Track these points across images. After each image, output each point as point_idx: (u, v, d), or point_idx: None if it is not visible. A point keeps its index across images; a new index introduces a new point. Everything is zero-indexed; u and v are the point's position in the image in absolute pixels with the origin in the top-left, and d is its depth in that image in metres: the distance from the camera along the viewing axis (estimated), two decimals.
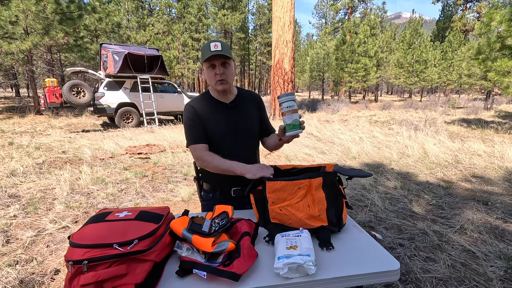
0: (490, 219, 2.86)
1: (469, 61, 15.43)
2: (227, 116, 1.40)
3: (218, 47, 1.27)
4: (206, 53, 1.28)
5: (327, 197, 1.10)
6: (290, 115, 1.20)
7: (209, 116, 1.38)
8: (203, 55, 1.30)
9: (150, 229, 0.88)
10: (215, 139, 1.38)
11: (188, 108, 1.39)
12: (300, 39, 52.80)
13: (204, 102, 1.41)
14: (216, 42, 1.28)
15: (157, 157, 5.39)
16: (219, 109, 1.40)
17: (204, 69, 1.36)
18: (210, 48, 1.27)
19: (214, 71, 1.31)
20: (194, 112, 1.37)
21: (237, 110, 1.42)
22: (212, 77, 1.32)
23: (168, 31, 26.78)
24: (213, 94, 1.42)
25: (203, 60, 1.30)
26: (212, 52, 1.26)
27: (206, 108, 1.39)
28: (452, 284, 1.94)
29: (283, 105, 1.21)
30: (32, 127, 8.99)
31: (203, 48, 1.30)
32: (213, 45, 1.27)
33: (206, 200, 1.50)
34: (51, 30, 10.93)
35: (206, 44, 1.29)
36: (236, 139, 1.40)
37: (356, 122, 10.15)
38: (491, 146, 6.03)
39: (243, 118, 1.42)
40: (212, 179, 1.45)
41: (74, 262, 0.75)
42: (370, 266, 0.93)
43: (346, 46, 21.70)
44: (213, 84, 1.34)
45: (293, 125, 1.21)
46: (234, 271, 0.84)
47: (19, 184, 3.77)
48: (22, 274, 2.02)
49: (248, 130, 1.43)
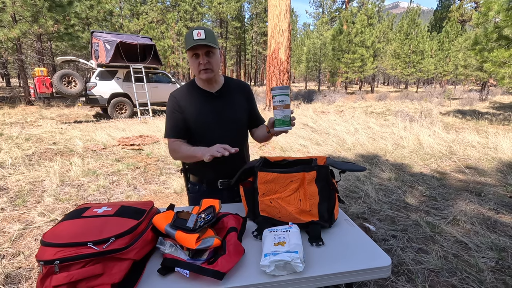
0: (483, 210, 2.87)
1: (466, 52, 15.39)
2: (212, 106, 1.35)
3: (202, 35, 1.21)
4: (189, 41, 1.22)
5: (320, 191, 1.06)
6: (282, 110, 1.15)
7: (193, 106, 1.33)
8: (186, 43, 1.24)
9: (130, 225, 0.84)
10: (199, 129, 1.34)
11: (170, 98, 1.36)
12: (297, 29, 52.11)
13: (188, 91, 1.36)
14: (199, 29, 1.22)
15: (150, 148, 5.32)
16: (204, 98, 1.35)
17: (188, 58, 1.31)
18: (193, 36, 1.21)
19: (198, 61, 1.26)
20: (176, 103, 1.33)
21: (222, 100, 1.37)
22: (196, 66, 1.27)
23: (162, 19, 26.20)
24: (198, 83, 1.37)
25: (186, 49, 1.25)
26: (195, 41, 1.20)
27: (190, 98, 1.34)
28: (444, 275, 1.94)
29: (276, 99, 1.15)
30: (22, 117, 8.80)
31: (187, 36, 1.24)
32: (196, 33, 1.21)
33: (192, 193, 1.46)
34: (40, 17, 10.60)
35: (189, 32, 1.23)
36: (221, 129, 1.35)
37: (352, 113, 10.12)
38: (485, 137, 6.04)
39: (229, 108, 1.37)
40: (198, 171, 1.41)
41: (45, 262, 0.70)
42: (360, 263, 0.90)
43: (343, 36, 21.47)
44: (197, 73, 1.30)
45: (283, 121, 1.15)
46: (218, 269, 0.80)
47: (7, 176, 3.69)
48: (8, 268, 1.97)
49: (234, 120, 1.38)
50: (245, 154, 1.47)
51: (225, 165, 1.35)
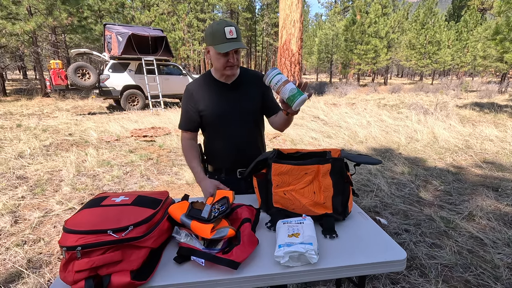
0: (500, 206, 2.80)
1: (485, 42, 14.78)
2: (227, 98, 1.34)
3: (234, 34, 1.17)
4: (219, 38, 1.17)
5: (334, 184, 1.05)
6: (283, 89, 1.08)
7: (208, 98, 1.33)
8: (215, 39, 1.18)
9: (147, 215, 0.85)
10: (215, 121, 1.34)
11: (185, 91, 1.36)
12: (309, 19, 51.16)
13: (204, 83, 1.35)
14: (231, 27, 1.17)
15: (162, 140, 5.39)
16: (219, 90, 1.34)
17: (211, 51, 1.25)
18: (226, 35, 1.16)
19: (227, 58, 1.22)
20: (190, 96, 1.34)
21: (238, 91, 1.36)
22: (223, 62, 1.23)
23: (173, 11, 26.15)
24: (215, 75, 1.36)
25: (215, 45, 1.19)
26: (229, 41, 1.17)
27: (205, 90, 1.34)
28: (458, 271, 1.91)
29: (272, 84, 1.10)
30: (39, 109, 9.05)
31: (215, 31, 1.17)
32: (228, 30, 1.16)
33: None
34: (54, 10, 10.76)
35: (219, 27, 1.17)
36: (236, 121, 1.35)
37: (364, 106, 9.94)
38: (504, 131, 5.84)
39: (244, 99, 1.36)
40: (217, 161, 1.43)
41: (68, 248, 0.73)
42: (375, 256, 0.89)
43: (356, 26, 20.94)
44: (221, 69, 1.26)
45: (292, 96, 1.07)
46: (233, 259, 0.82)
47: (26, 166, 3.83)
48: (30, 253, 2.06)
49: (249, 111, 1.37)
50: (261, 144, 1.48)
51: (243, 155, 1.36)
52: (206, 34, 1.22)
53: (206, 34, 1.23)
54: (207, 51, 1.28)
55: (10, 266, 1.93)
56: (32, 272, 1.87)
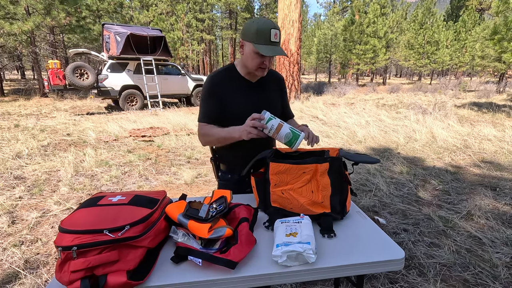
0: (498, 205, 2.80)
1: (483, 42, 14.83)
2: (251, 96, 1.30)
3: (277, 38, 1.15)
4: (263, 39, 1.13)
5: (332, 183, 1.05)
6: (278, 135, 1.03)
7: (232, 93, 1.27)
8: (258, 38, 1.14)
9: (143, 214, 0.85)
10: (236, 119, 1.27)
11: (209, 81, 1.28)
12: (307, 19, 51.18)
13: (229, 77, 1.29)
14: (277, 30, 1.14)
15: (161, 140, 5.38)
16: (243, 88, 1.30)
17: (248, 48, 1.19)
18: (271, 37, 1.13)
19: (262, 60, 1.19)
20: (214, 87, 1.26)
21: (260, 91, 1.33)
22: (257, 63, 1.20)
23: (172, 11, 26.12)
24: (241, 71, 1.30)
25: (257, 45, 1.14)
26: (272, 44, 1.14)
27: (230, 85, 1.28)
28: (456, 270, 1.91)
29: (265, 130, 1.05)
30: (37, 109, 9.02)
31: (261, 30, 1.13)
32: (273, 33, 1.13)
33: (224, 180, 1.45)
34: (52, 10, 10.73)
35: (265, 26, 1.13)
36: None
37: (363, 106, 9.95)
38: (502, 131, 5.86)
39: (266, 99, 1.34)
40: (232, 160, 1.39)
41: (63, 248, 0.72)
42: (373, 255, 0.89)
43: (354, 26, 20.97)
44: (252, 68, 1.23)
45: (289, 141, 1.03)
46: (231, 258, 0.81)
47: (24, 166, 3.81)
48: (27, 254, 2.05)
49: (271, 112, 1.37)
50: (274, 144, 1.47)
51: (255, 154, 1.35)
52: (248, 29, 1.16)
53: (248, 29, 1.16)
54: (241, 44, 1.22)
55: (7, 267, 1.92)
56: (29, 273, 1.86)
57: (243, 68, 1.29)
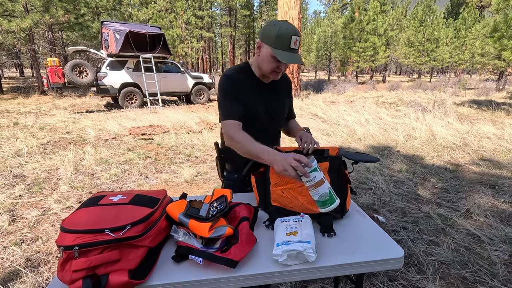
0: (497, 203, 2.81)
1: (483, 39, 14.80)
2: (264, 97, 1.30)
3: (297, 45, 1.13)
4: (283, 45, 1.11)
5: (332, 182, 1.05)
6: (315, 190, 0.90)
7: (247, 94, 1.26)
8: (278, 43, 1.11)
9: (144, 214, 0.85)
10: (249, 119, 1.27)
11: (228, 79, 1.24)
12: (307, 17, 51.02)
13: (244, 77, 1.26)
14: (297, 36, 1.12)
15: (160, 138, 5.38)
16: (257, 89, 1.29)
17: (266, 51, 1.16)
18: (291, 44, 1.11)
19: (278, 65, 1.18)
20: (235, 85, 1.24)
21: (272, 92, 1.33)
22: (272, 66, 1.18)
23: (171, 8, 25.99)
24: (255, 71, 1.28)
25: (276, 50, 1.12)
26: (291, 51, 1.13)
27: (246, 84, 1.26)
28: (455, 268, 1.93)
29: (303, 179, 0.91)
30: (36, 107, 9.00)
31: (282, 35, 1.10)
32: (294, 40, 1.11)
33: (229, 180, 1.44)
34: (51, 7, 10.67)
35: (287, 32, 1.10)
36: (269, 121, 1.32)
37: (362, 103, 9.95)
38: (501, 129, 5.87)
39: (277, 100, 1.34)
40: (236, 160, 1.33)
41: (65, 247, 0.73)
42: (372, 254, 0.90)
43: (354, 24, 20.90)
44: (267, 71, 1.21)
45: (323, 202, 0.90)
46: (231, 257, 0.82)
47: (24, 164, 3.81)
48: (28, 252, 2.06)
49: (280, 113, 1.38)
50: (278, 144, 1.48)
51: None
52: (269, 32, 1.13)
53: (268, 32, 1.13)
54: (258, 45, 1.20)
55: (8, 265, 1.93)
56: (30, 271, 1.86)
57: (258, 69, 1.27)
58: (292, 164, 0.93)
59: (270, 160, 1.02)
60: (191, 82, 10.41)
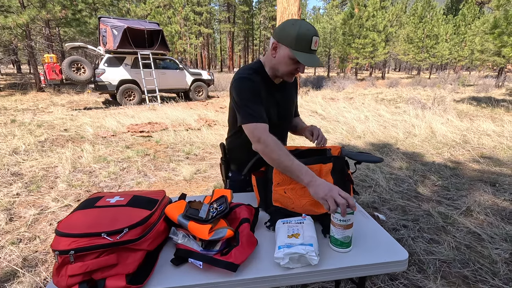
0: (498, 201, 2.81)
1: (483, 36, 14.76)
2: (275, 97, 1.27)
3: (317, 46, 1.10)
4: (303, 46, 1.06)
5: (336, 183, 1.03)
6: (342, 231, 0.89)
7: (264, 94, 1.22)
8: (297, 44, 1.06)
9: (142, 216, 0.83)
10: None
11: (247, 81, 1.17)
12: (306, 13, 50.70)
13: (259, 78, 1.22)
14: (317, 37, 1.08)
15: (159, 135, 5.34)
16: (269, 89, 1.25)
17: (284, 52, 1.11)
18: (312, 45, 1.06)
19: (297, 67, 1.13)
20: (255, 86, 1.17)
21: (282, 92, 1.30)
22: (290, 68, 1.14)
23: (169, 4, 25.77)
24: (269, 72, 1.23)
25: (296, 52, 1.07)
26: (311, 52, 1.08)
27: (262, 85, 1.22)
28: (456, 266, 1.92)
29: (337, 216, 0.88)
30: (34, 104, 8.93)
31: (302, 35, 1.04)
32: (314, 40, 1.06)
33: (235, 181, 1.42)
34: (47, 2, 10.55)
35: (307, 33, 1.04)
36: (279, 122, 1.30)
37: (362, 100, 9.92)
38: (501, 126, 5.86)
39: (287, 100, 1.33)
40: (243, 161, 1.30)
41: (60, 252, 0.70)
42: (376, 256, 0.88)
43: (354, 20, 20.79)
44: (284, 73, 1.17)
45: (341, 242, 0.90)
46: (232, 261, 0.79)
47: (21, 162, 3.77)
48: (25, 252, 2.04)
49: (290, 113, 1.37)
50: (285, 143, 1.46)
51: None
52: (287, 33, 1.07)
53: (286, 32, 1.07)
54: (274, 46, 1.13)
55: (5, 265, 1.91)
56: (27, 271, 1.84)
57: (271, 70, 1.21)
58: (337, 200, 0.87)
59: (316, 189, 0.95)
60: (189, 79, 10.34)
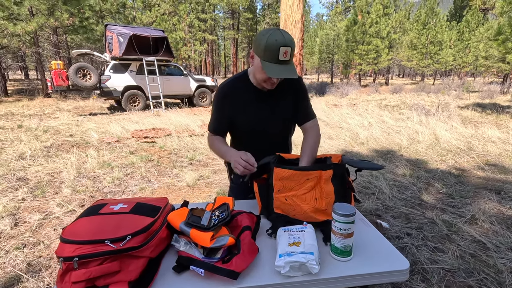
0: (503, 209, 2.77)
1: (487, 42, 14.73)
2: (262, 106, 1.29)
3: (287, 56, 1.06)
4: (271, 57, 1.06)
5: (336, 190, 1.04)
6: (342, 239, 0.90)
7: (243, 104, 1.25)
8: (265, 55, 1.07)
9: (145, 223, 0.84)
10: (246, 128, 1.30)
11: (220, 91, 1.26)
12: (310, 20, 51.13)
13: (240, 86, 1.26)
14: (287, 47, 1.04)
15: (163, 141, 5.38)
16: (255, 97, 1.27)
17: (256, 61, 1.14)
18: (279, 56, 1.05)
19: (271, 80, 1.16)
20: (225, 98, 1.25)
21: (272, 98, 1.30)
22: (264, 78, 1.16)
23: (174, 11, 26.16)
24: (253, 81, 1.26)
25: (264, 63, 1.08)
26: (279, 63, 1.07)
27: (241, 94, 1.26)
28: (460, 276, 1.89)
29: (337, 225, 0.89)
30: (40, 109, 9.07)
31: (269, 46, 1.05)
32: (283, 52, 1.04)
33: (236, 184, 1.46)
34: (55, 10, 10.78)
35: (275, 44, 1.04)
36: (268, 127, 1.32)
37: (365, 106, 9.91)
38: (506, 133, 5.81)
39: (278, 109, 1.32)
40: None
41: (65, 258, 0.72)
42: (377, 265, 0.88)
43: (357, 26, 20.90)
44: (261, 81, 1.19)
45: (341, 251, 0.90)
46: (233, 269, 0.80)
47: (27, 167, 3.82)
48: (30, 257, 2.06)
49: (281, 119, 1.35)
50: (289, 146, 1.46)
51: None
52: (258, 43, 1.09)
53: (258, 42, 1.09)
54: (251, 55, 1.17)
55: (10, 270, 1.92)
56: (31, 276, 1.86)
57: (254, 78, 1.25)
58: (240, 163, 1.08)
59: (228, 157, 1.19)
60: (194, 85, 10.44)
